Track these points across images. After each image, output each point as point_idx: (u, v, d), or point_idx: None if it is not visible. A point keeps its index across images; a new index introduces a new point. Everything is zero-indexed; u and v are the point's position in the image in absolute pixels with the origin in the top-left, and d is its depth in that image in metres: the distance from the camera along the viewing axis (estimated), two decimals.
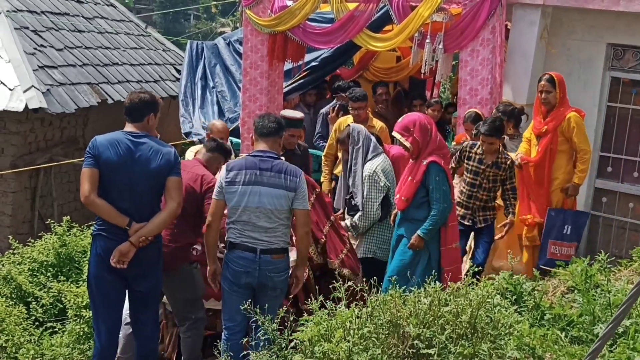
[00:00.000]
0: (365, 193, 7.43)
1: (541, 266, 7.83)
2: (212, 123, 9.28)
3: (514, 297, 5.15)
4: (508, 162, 8.01)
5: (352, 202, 7.71)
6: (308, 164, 9.37)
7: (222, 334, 6.40)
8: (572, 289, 5.52)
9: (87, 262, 7.18)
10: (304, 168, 9.06)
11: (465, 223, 8.09)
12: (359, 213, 7.50)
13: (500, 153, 8.00)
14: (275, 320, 4.94)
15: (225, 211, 6.32)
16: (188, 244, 6.86)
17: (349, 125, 8.35)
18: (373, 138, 7.76)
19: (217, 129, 8.80)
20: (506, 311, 4.39)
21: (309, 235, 6.46)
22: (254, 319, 4.76)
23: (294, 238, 6.54)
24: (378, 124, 9.75)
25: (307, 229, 6.34)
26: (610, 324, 2.63)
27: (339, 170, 9.68)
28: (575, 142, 8.24)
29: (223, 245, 6.61)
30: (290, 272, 6.40)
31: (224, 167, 6.31)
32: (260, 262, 6.13)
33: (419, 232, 6.72)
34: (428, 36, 9.47)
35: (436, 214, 6.66)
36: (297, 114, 9.17)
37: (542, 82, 8.37)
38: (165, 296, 7.25)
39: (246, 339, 5.65)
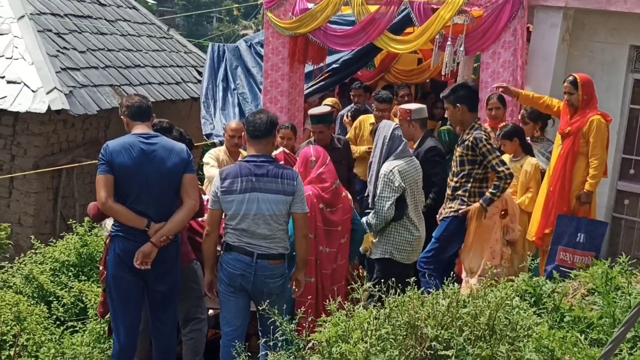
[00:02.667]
0: (378, 191, 7.42)
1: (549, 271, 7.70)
2: (228, 124, 9.30)
3: (533, 299, 5.13)
4: (471, 139, 7.35)
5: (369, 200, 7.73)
6: (350, 158, 9.30)
7: (221, 340, 6.37)
8: (593, 291, 5.47)
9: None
10: (346, 162, 9.03)
11: (438, 218, 7.78)
12: (373, 211, 7.50)
13: (470, 128, 7.47)
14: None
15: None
16: (189, 238, 6.87)
17: (383, 120, 8.33)
18: (404, 140, 7.69)
19: (230, 127, 8.81)
20: (525, 313, 4.37)
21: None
22: (272, 319, 4.74)
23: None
24: None
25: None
26: (622, 327, 2.62)
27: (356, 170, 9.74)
28: (590, 142, 8.14)
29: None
30: (287, 277, 6.32)
31: (217, 175, 6.21)
32: (257, 266, 6.05)
33: None
34: (449, 38, 9.47)
35: None
36: (320, 109, 9.13)
37: (565, 84, 8.31)
38: None
39: (264, 339, 5.62)
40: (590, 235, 8.14)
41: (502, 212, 7.91)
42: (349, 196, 7.53)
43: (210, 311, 7.61)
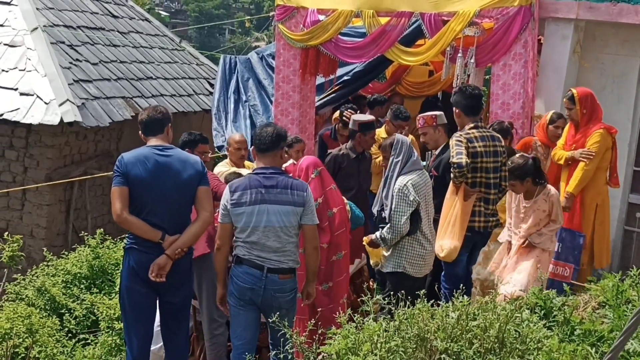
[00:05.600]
0: (394, 206, 7.42)
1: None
2: (231, 136, 9.39)
3: (543, 312, 5.12)
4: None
5: (382, 215, 7.72)
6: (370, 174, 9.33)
7: (231, 353, 6.38)
8: (604, 304, 5.47)
9: (119, 274, 7.25)
10: (370, 175, 9.04)
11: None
12: (387, 225, 7.50)
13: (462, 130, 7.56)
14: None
15: None
16: (212, 228, 6.92)
17: (395, 134, 8.32)
18: (415, 153, 7.69)
19: (234, 140, 8.91)
20: (535, 326, 4.36)
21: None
22: (282, 332, 4.74)
23: None
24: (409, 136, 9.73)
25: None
26: (622, 335, 2.62)
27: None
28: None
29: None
30: (296, 291, 6.32)
31: (227, 189, 6.23)
32: (267, 281, 6.03)
33: None
34: (460, 50, 9.46)
35: None
36: (367, 117, 9.16)
37: (564, 99, 8.35)
38: (196, 302, 7.34)
39: (274, 351, 5.64)
40: (567, 245, 8.01)
41: None
42: (347, 208, 7.56)
43: None
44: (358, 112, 10.27)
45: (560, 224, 7.29)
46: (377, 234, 7.60)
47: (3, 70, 12.34)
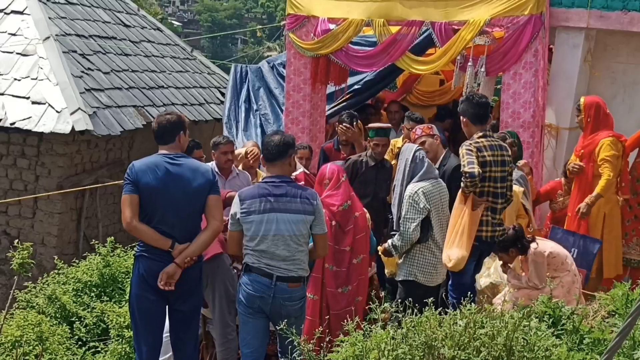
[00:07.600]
0: (403, 213, 7.42)
1: None
2: (245, 143, 9.38)
3: (552, 320, 5.10)
4: None
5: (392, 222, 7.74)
6: (390, 183, 9.28)
7: None
8: (613, 313, 5.44)
9: (129, 282, 7.26)
10: (388, 185, 9.03)
11: None
12: (398, 233, 7.49)
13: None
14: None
15: None
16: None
17: (406, 143, 8.34)
18: (427, 162, 7.68)
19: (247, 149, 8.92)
20: (543, 334, 4.34)
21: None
22: (290, 339, 4.74)
23: None
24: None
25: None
26: (618, 335, 2.61)
27: None
28: (597, 161, 8.07)
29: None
30: (305, 300, 6.33)
31: (237, 197, 6.24)
32: (276, 289, 6.03)
33: None
34: (470, 59, 9.46)
35: None
36: (382, 124, 9.14)
37: (575, 107, 8.35)
38: (205, 312, 7.34)
39: (282, 359, 5.64)
40: (583, 251, 8.02)
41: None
42: (367, 215, 7.58)
43: None
44: (370, 120, 10.24)
45: (537, 286, 7.23)
46: (389, 241, 7.60)
47: (15, 79, 12.39)
